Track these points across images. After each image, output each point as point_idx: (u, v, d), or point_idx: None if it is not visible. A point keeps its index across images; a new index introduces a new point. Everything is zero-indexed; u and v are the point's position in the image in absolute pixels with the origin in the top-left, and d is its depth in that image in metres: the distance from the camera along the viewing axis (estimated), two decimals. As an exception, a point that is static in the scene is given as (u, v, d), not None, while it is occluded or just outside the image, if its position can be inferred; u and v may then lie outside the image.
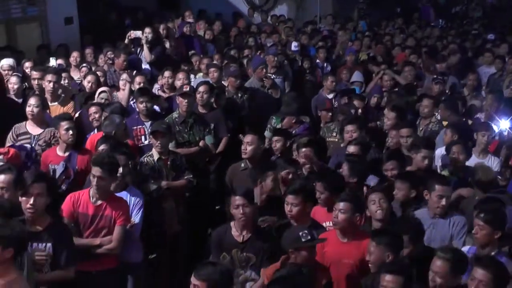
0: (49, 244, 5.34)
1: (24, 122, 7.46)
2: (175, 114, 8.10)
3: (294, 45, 12.86)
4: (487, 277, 4.42)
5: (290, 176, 6.54)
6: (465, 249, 5.41)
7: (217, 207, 7.97)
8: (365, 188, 6.44)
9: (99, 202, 5.88)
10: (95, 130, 7.65)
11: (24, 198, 5.27)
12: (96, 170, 5.72)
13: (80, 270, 5.56)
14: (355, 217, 5.55)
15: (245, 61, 11.54)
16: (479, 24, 19.05)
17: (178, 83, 9.14)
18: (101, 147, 6.62)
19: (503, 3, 23.31)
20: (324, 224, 6.03)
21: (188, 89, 8.20)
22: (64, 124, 6.90)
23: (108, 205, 5.90)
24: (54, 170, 6.73)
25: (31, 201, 5.23)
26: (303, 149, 7.02)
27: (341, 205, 5.52)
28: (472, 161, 7.37)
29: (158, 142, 6.90)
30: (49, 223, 5.40)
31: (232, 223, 5.76)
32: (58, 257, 5.36)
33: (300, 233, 5.07)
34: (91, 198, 5.89)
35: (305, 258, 5.04)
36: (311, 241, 5.08)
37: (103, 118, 7.51)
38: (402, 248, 5.12)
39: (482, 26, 18.65)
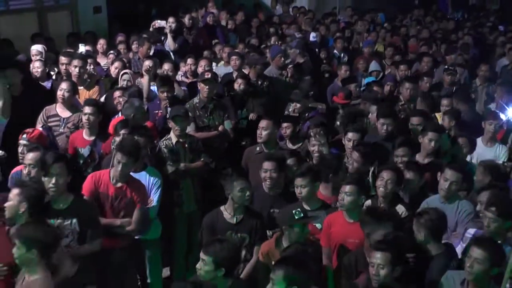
0: (74, 220, 5.42)
1: (54, 105, 7.54)
2: (196, 100, 8.10)
3: (312, 36, 12.94)
4: (482, 256, 4.46)
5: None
6: (470, 231, 5.43)
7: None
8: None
9: (120, 184, 5.92)
10: (119, 113, 7.71)
11: (46, 178, 5.33)
12: (121, 157, 5.75)
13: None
14: (361, 200, 5.61)
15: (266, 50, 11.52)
16: (494, 17, 18.81)
17: (200, 70, 9.17)
18: (122, 131, 6.63)
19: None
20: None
21: (209, 75, 8.18)
22: (85, 109, 6.97)
23: (128, 187, 5.94)
24: (80, 153, 6.84)
25: (53, 180, 5.30)
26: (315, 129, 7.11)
27: (347, 187, 5.57)
28: (479, 149, 7.34)
29: (177, 126, 6.92)
30: (72, 200, 5.47)
31: (222, 208, 5.85)
32: (84, 231, 5.44)
33: (294, 211, 5.16)
34: (112, 179, 5.93)
35: (297, 234, 5.12)
36: (304, 219, 5.15)
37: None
38: None
39: (498, 19, 18.42)
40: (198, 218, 7.20)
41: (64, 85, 7.50)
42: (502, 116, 8.08)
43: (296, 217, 5.11)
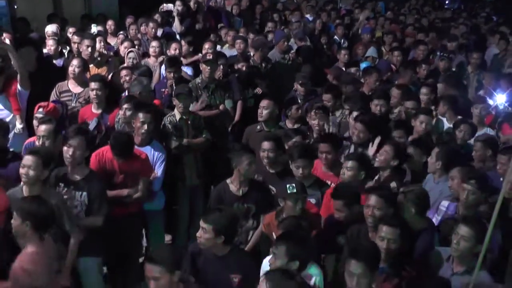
0: (84, 193, 5.49)
1: (66, 81, 7.59)
2: (198, 80, 8.12)
3: (308, 17, 13.38)
4: (469, 233, 4.50)
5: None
6: (444, 204, 5.51)
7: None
8: None
9: (121, 161, 5.96)
10: (126, 91, 7.75)
11: (65, 148, 5.42)
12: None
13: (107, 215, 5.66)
14: (361, 175, 5.66)
15: (269, 35, 11.52)
16: (490, 8, 18.76)
17: (204, 52, 9.12)
18: (125, 106, 6.69)
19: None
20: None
21: (211, 57, 8.21)
22: (92, 85, 7.02)
23: (131, 161, 6.00)
24: (88, 125, 6.82)
25: (70, 151, 5.38)
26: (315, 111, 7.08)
27: (349, 163, 5.65)
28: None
29: (181, 103, 6.96)
30: (86, 175, 5.54)
31: (228, 180, 5.86)
32: (91, 206, 5.50)
33: (288, 185, 5.17)
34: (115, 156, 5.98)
35: (290, 208, 5.14)
36: (296, 194, 5.15)
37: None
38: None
39: (494, 10, 18.36)
40: (200, 191, 7.33)
41: (75, 62, 7.56)
42: (490, 101, 8.12)
43: (288, 191, 5.13)
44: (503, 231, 5.08)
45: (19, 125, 6.89)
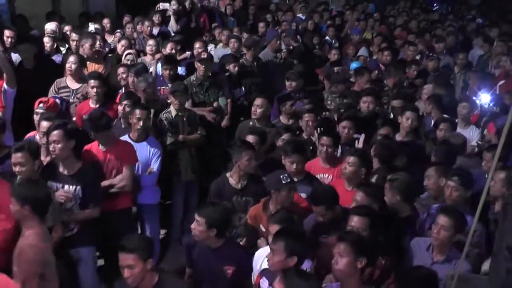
0: (78, 187, 5.46)
1: (64, 77, 7.60)
2: (192, 77, 8.14)
3: (299, 17, 13.42)
4: (448, 223, 4.58)
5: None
6: (434, 207, 5.44)
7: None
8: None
9: (105, 148, 5.97)
10: (123, 88, 7.77)
11: (50, 145, 5.41)
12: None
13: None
14: (361, 171, 5.69)
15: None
16: (476, 11, 18.89)
17: (195, 51, 9.14)
18: (124, 102, 6.73)
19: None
20: (318, 176, 6.17)
21: (205, 55, 8.24)
22: (91, 82, 7.04)
23: (113, 150, 5.97)
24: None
25: (51, 147, 5.36)
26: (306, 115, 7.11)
27: (351, 158, 5.68)
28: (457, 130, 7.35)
29: (177, 100, 6.97)
30: (79, 168, 5.51)
31: (228, 174, 5.88)
32: (86, 198, 5.48)
33: (281, 176, 5.19)
34: (100, 145, 5.99)
35: (284, 197, 5.16)
36: (290, 183, 5.20)
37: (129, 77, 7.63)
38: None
39: (479, 13, 18.48)
40: (195, 187, 7.35)
41: (71, 58, 7.58)
42: (477, 101, 8.20)
43: (283, 182, 5.15)
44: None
45: None
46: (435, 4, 20.23)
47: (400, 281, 4.34)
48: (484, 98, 8.22)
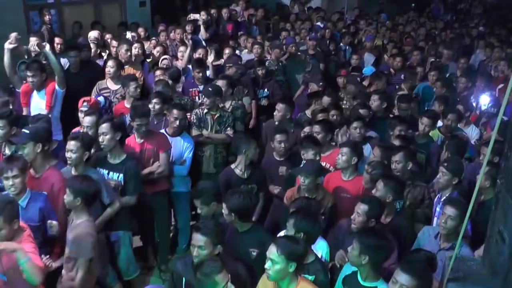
0: (121, 175, 5.63)
1: (105, 80, 7.77)
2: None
3: (318, 25, 13.45)
4: (454, 213, 4.63)
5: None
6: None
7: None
8: None
9: (141, 140, 6.13)
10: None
11: (100, 137, 5.60)
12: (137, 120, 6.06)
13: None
14: (354, 160, 5.74)
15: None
16: (478, 19, 18.72)
17: (224, 56, 9.30)
18: (154, 100, 6.82)
19: (501, 2, 22.85)
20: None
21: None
22: (133, 83, 7.18)
23: (148, 140, 6.13)
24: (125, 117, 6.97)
25: (100, 138, 5.56)
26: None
27: (344, 149, 5.73)
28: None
29: (208, 100, 7.04)
30: (124, 158, 5.68)
31: (233, 166, 6.06)
32: (127, 186, 5.65)
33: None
34: (136, 138, 6.15)
35: (312, 182, 5.34)
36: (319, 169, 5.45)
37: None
38: (403, 194, 5.33)
39: (481, 21, 18.33)
40: (216, 179, 7.38)
41: (110, 63, 7.76)
42: (481, 101, 8.22)
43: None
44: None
45: None
46: (441, 13, 20.09)
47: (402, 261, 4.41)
48: (483, 100, 8.22)
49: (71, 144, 5.22)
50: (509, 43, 12.73)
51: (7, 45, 6.98)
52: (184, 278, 4.18)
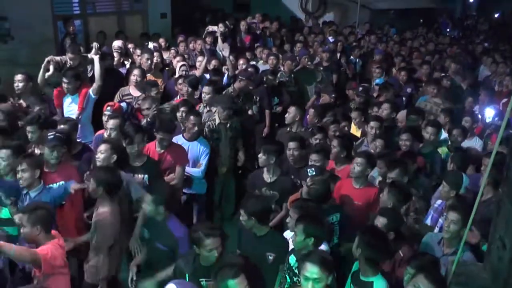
0: (145, 176, 5.73)
1: (128, 86, 7.86)
2: (230, 89, 8.26)
3: (329, 39, 13.47)
4: (457, 218, 4.63)
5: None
6: (438, 202, 5.58)
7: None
8: None
9: (162, 150, 6.19)
10: (178, 96, 7.97)
11: (130, 146, 5.70)
12: (161, 134, 6.13)
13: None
14: (368, 171, 5.73)
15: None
16: (484, 36, 18.66)
17: (239, 66, 9.36)
18: (182, 109, 6.91)
19: (506, 19, 22.83)
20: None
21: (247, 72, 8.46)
22: (154, 89, 7.34)
23: (169, 152, 6.18)
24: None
25: (136, 147, 5.70)
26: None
27: (358, 160, 5.69)
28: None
29: (224, 112, 7.03)
30: (146, 161, 5.79)
31: (264, 169, 5.98)
32: (152, 186, 5.59)
33: (308, 169, 5.43)
34: (157, 148, 6.21)
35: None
36: (316, 176, 5.35)
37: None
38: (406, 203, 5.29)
39: (487, 37, 18.27)
40: (229, 183, 7.53)
41: (136, 72, 7.85)
42: (487, 114, 8.21)
43: (309, 174, 5.33)
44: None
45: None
46: (448, 29, 20.04)
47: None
48: (489, 113, 8.21)
49: (102, 147, 5.38)
50: (512, 59, 12.71)
51: (44, 64, 7.29)
52: (187, 274, 4.21)
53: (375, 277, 4.16)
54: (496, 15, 24.80)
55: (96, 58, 7.45)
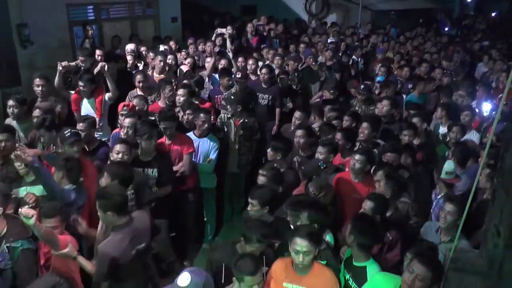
0: (155, 170, 5.72)
1: (135, 89, 7.82)
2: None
3: (330, 39, 13.40)
4: (453, 209, 4.66)
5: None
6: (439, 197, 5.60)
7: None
8: None
9: (169, 141, 6.22)
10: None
11: (144, 142, 5.67)
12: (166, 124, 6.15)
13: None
14: (367, 167, 5.68)
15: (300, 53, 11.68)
16: (481, 34, 18.56)
17: (249, 67, 9.30)
18: (179, 92, 7.01)
19: (503, 19, 22.68)
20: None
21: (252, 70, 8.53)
22: (169, 87, 7.37)
23: (175, 143, 6.20)
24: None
25: (153, 142, 5.70)
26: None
27: (358, 156, 5.65)
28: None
29: (230, 107, 7.15)
30: (155, 155, 5.77)
31: (275, 164, 5.91)
32: (161, 178, 5.74)
33: (319, 163, 5.36)
34: (166, 140, 6.23)
35: (322, 180, 5.32)
36: (327, 168, 5.37)
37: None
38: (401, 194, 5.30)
39: (484, 36, 18.16)
40: (240, 178, 7.48)
41: (139, 77, 7.78)
42: (484, 108, 8.17)
43: (321, 168, 5.30)
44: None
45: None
46: (446, 29, 19.94)
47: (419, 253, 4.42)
48: (486, 107, 8.19)
49: (121, 147, 5.42)
50: (510, 57, 12.61)
51: (59, 69, 7.29)
52: (223, 266, 4.17)
53: (368, 262, 4.19)
54: (493, 15, 24.66)
55: (106, 75, 7.43)
